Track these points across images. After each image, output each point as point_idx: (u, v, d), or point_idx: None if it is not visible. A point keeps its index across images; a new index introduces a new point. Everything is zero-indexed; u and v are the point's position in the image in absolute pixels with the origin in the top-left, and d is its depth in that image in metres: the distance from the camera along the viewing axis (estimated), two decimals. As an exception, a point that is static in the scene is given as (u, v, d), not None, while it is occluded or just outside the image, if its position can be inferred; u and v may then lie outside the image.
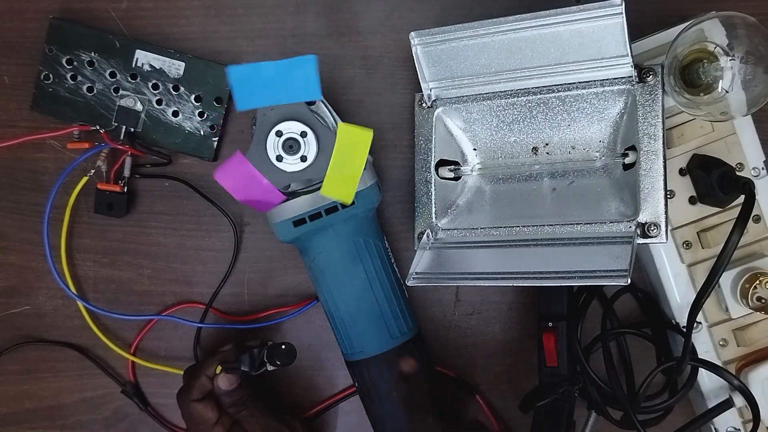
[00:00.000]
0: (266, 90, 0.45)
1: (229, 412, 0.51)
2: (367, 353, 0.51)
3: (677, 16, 0.49)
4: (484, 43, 0.49)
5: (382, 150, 0.56)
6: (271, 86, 0.45)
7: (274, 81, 0.45)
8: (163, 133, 0.55)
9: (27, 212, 0.57)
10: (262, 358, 0.50)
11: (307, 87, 0.44)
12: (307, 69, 0.44)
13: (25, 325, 0.57)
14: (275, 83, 0.45)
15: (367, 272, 0.50)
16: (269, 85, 0.45)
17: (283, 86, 0.45)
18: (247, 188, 0.47)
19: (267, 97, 0.45)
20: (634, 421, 0.48)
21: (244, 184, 0.47)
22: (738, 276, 0.48)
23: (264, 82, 0.45)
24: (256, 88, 0.45)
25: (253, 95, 0.45)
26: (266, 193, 0.47)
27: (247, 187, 0.47)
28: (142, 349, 0.57)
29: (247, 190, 0.47)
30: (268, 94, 0.45)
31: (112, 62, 0.54)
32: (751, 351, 0.49)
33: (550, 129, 0.51)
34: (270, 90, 0.45)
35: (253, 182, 0.46)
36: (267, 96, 0.45)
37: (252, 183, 0.46)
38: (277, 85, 0.45)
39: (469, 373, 0.57)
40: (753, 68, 0.44)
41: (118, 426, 0.58)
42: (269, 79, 0.45)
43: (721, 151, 0.48)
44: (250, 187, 0.47)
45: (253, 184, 0.46)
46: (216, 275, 0.57)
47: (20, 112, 0.56)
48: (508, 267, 0.47)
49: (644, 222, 0.45)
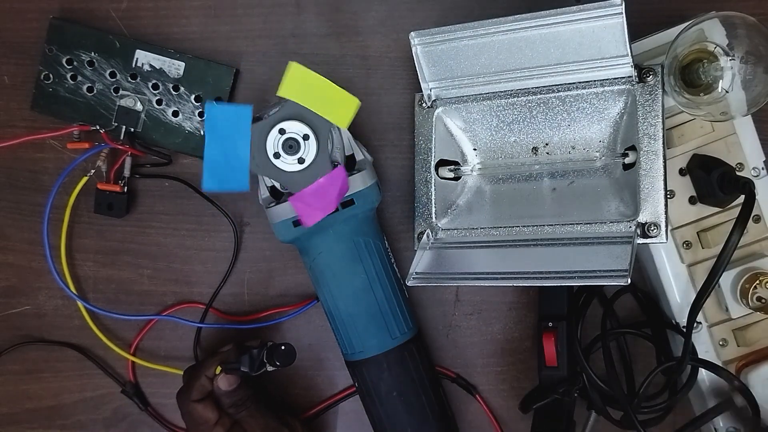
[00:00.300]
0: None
1: (229, 412, 0.51)
2: (367, 353, 0.51)
3: (677, 16, 0.49)
4: (484, 43, 0.49)
5: (382, 150, 0.56)
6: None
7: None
8: (163, 133, 0.55)
9: (27, 212, 0.57)
10: (261, 358, 0.50)
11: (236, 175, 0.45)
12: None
13: (25, 325, 0.57)
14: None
15: (367, 272, 0.50)
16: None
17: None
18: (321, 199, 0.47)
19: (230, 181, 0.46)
20: (634, 421, 0.48)
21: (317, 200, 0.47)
22: (738, 276, 0.48)
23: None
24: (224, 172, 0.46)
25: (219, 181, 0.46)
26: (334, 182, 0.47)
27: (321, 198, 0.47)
28: (142, 349, 0.57)
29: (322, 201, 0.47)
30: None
31: (112, 62, 0.54)
32: (751, 351, 0.49)
33: (550, 129, 0.51)
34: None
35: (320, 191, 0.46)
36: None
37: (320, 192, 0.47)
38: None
39: (469, 373, 0.57)
40: (753, 68, 0.44)
41: (118, 426, 0.58)
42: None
43: (721, 151, 0.48)
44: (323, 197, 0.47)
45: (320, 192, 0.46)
46: (216, 275, 0.57)
47: (20, 112, 0.56)
48: (508, 267, 0.47)
49: (644, 222, 0.45)
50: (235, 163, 0.45)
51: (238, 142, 0.45)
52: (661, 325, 0.52)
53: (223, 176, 0.45)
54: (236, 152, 0.45)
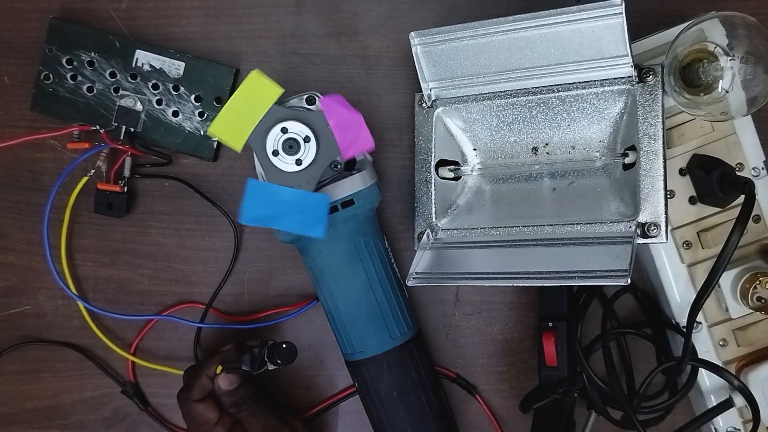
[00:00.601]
0: (275, 212, 0.45)
1: (229, 412, 0.51)
2: (367, 353, 0.51)
3: (677, 16, 0.49)
4: (484, 43, 0.49)
5: (382, 150, 0.56)
6: (281, 210, 0.45)
7: (285, 206, 0.45)
8: (163, 133, 0.55)
9: (27, 212, 0.57)
10: (262, 357, 0.50)
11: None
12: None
13: (25, 325, 0.57)
14: (285, 208, 0.45)
15: (367, 272, 0.50)
16: (279, 208, 0.45)
17: (292, 214, 0.45)
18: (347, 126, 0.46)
19: (273, 219, 0.46)
20: (634, 421, 0.48)
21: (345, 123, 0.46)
22: (738, 276, 0.48)
23: (276, 204, 0.45)
24: (266, 207, 0.45)
25: (260, 213, 0.46)
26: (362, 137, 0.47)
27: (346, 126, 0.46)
28: (142, 349, 0.57)
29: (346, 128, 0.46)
30: (274, 217, 0.46)
31: (112, 62, 0.54)
32: (751, 351, 0.49)
33: (550, 129, 0.51)
34: (278, 213, 0.45)
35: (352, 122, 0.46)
36: (273, 218, 0.46)
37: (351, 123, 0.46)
38: (287, 211, 0.45)
39: (469, 373, 0.57)
40: (753, 68, 0.44)
41: (118, 426, 0.58)
42: (282, 203, 0.45)
43: (721, 151, 0.48)
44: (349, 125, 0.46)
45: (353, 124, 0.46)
46: (216, 275, 0.57)
47: (20, 112, 0.56)
48: (508, 267, 0.47)
49: (644, 222, 0.45)
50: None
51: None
52: (661, 325, 0.52)
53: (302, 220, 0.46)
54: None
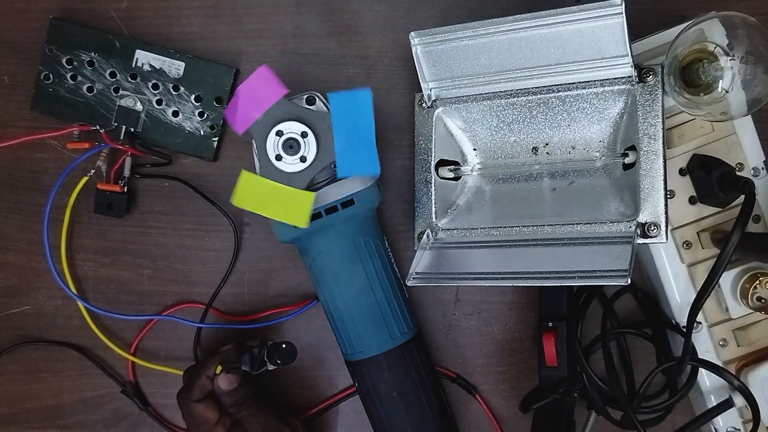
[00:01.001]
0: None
1: (229, 412, 0.51)
2: (367, 353, 0.51)
3: (677, 16, 0.49)
4: (484, 43, 0.49)
5: (382, 150, 0.56)
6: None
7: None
8: (163, 133, 0.55)
9: (27, 212, 0.57)
10: (262, 357, 0.50)
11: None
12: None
13: (25, 325, 0.57)
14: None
15: (367, 272, 0.50)
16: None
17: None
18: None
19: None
20: (634, 421, 0.48)
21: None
22: (738, 276, 0.48)
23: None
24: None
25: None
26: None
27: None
28: (142, 349, 0.57)
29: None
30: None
31: (112, 62, 0.54)
32: (751, 351, 0.49)
33: (550, 129, 0.51)
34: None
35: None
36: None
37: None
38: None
39: (469, 373, 0.57)
40: (753, 68, 0.44)
41: (118, 426, 0.58)
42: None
43: (721, 151, 0.48)
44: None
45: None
46: (216, 275, 0.57)
47: (20, 112, 0.56)
48: (508, 267, 0.47)
49: (644, 222, 0.45)
50: (363, 147, 0.45)
51: (362, 126, 0.45)
52: (661, 325, 0.52)
53: (354, 162, 0.45)
54: (361, 136, 0.45)
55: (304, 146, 0.46)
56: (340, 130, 0.45)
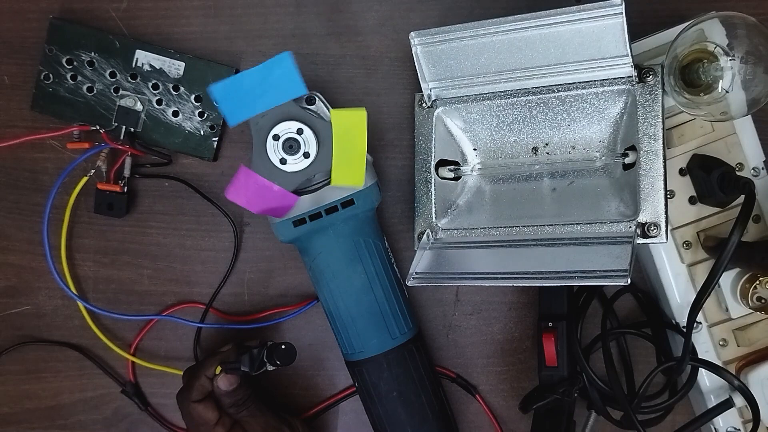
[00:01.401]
0: (252, 98, 0.45)
1: (229, 412, 0.51)
2: (367, 353, 0.51)
3: (677, 16, 0.49)
4: (484, 43, 0.49)
5: (382, 150, 0.56)
6: (256, 93, 0.45)
7: (257, 88, 0.45)
8: (163, 133, 0.55)
9: (27, 212, 0.57)
10: (262, 358, 0.50)
11: (291, 84, 0.45)
12: (285, 67, 0.45)
13: (25, 325, 0.57)
14: (259, 90, 0.45)
15: (367, 272, 0.50)
16: (254, 93, 0.45)
17: (267, 90, 0.45)
18: (261, 198, 0.47)
19: (254, 105, 0.45)
20: (634, 421, 0.48)
21: (257, 196, 0.47)
22: (738, 276, 0.48)
23: (248, 91, 0.45)
24: (242, 99, 0.45)
25: (241, 107, 0.45)
26: (280, 198, 0.47)
27: (261, 197, 0.47)
28: (142, 349, 0.57)
29: (261, 200, 0.47)
30: (255, 102, 0.45)
31: (112, 62, 0.54)
32: (751, 351, 0.49)
33: (550, 129, 0.51)
34: (256, 97, 0.45)
35: (264, 191, 0.47)
36: (254, 104, 0.45)
37: (264, 192, 0.47)
38: (261, 91, 0.45)
39: (469, 373, 0.57)
40: (753, 68, 0.44)
41: (118, 426, 0.58)
42: (252, 87, 0.45)
43: (721, 151, 0.48)
44: (263, 196, 0.47)
45: (265, 192, 0.47)
46: (216, 275, 0.57)
47: (20, 112, 0.56)
48: (508, 267, 0.47)
49: (644, 222, 0.45)
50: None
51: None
52: (661, 325, 0.52)
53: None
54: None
55: (304, 143, 0.46)
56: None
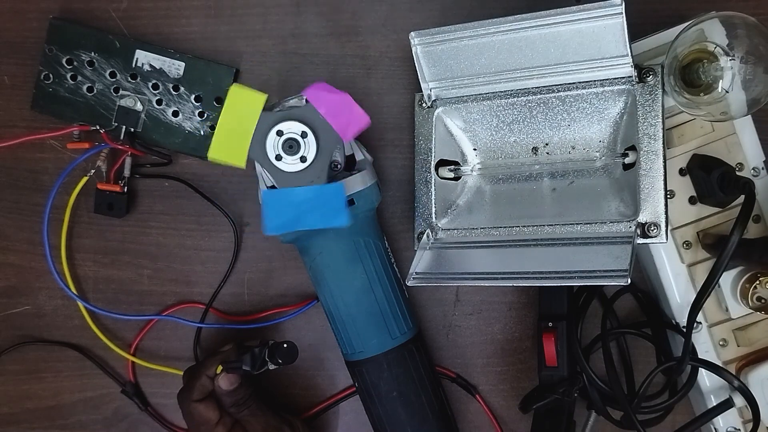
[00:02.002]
0: (295, 215, 0.46)
1: (230, 412, 0.51)
2: (367, 353, 0.51)
3: (677, 16, 0.49)
4: (484, 43, 0.49)
5: (382, 150, 0.56)
6: (301, 211, 0.46)
7: (303, 206, 0.46)
8: (163, 133, 0.55)
9: (27, 212, 0.57)
10: (263, 357, 0.50)
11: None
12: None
13: (25, 325, 0.57)
14: (305, 208, 0.46)
15: (367, 272, 0.50)
16: (299, 210, 0.46)
17: (312, 212, 0.46)
18: (339, 110, 0.47)
19: (295, 221, 0.46)
20: (634, 421, 0.48)
21: (337, 106, 0.47)
22: (738, 276, 0.48)
23: (294, 207, 0.46)
24: (286, 212, 0.46)
25: (282, 219, 0.46)
26: (357, 118, 0.47)
27: (339, 110, 0.47)
28: (142, 349, 0.57)
29: (339, 111, 0.47)
30: (296, 219, 0.46)
31: (112, 62, 0.54)
32: (751, 351, 0.49)
33: (550, 129, 0.51)
34: (299, 215, 0.46)
35: (345, 107, 0.47)
36: (296, 220, 0.46)
37: (344, 107, 0.47)
38: (306, 210, 0.46)
39: (469, 373, 0.57)
40: (753, 68, 0.44)
41: (118, 426, 0.58)
42: (299, 204, 0.46)
43: (721, 151, 0.48)
44: (341, 111, 0.47)
45: (346, 108, 0.47)
46: (216, 275, 0.57)
47: (20, 112, 0.56)
48: (508, 267, 0.47)
49: (644, 222, 0.45)
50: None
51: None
52: (661, 325, 0.52)
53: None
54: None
55: (304, 146, 0.46)
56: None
